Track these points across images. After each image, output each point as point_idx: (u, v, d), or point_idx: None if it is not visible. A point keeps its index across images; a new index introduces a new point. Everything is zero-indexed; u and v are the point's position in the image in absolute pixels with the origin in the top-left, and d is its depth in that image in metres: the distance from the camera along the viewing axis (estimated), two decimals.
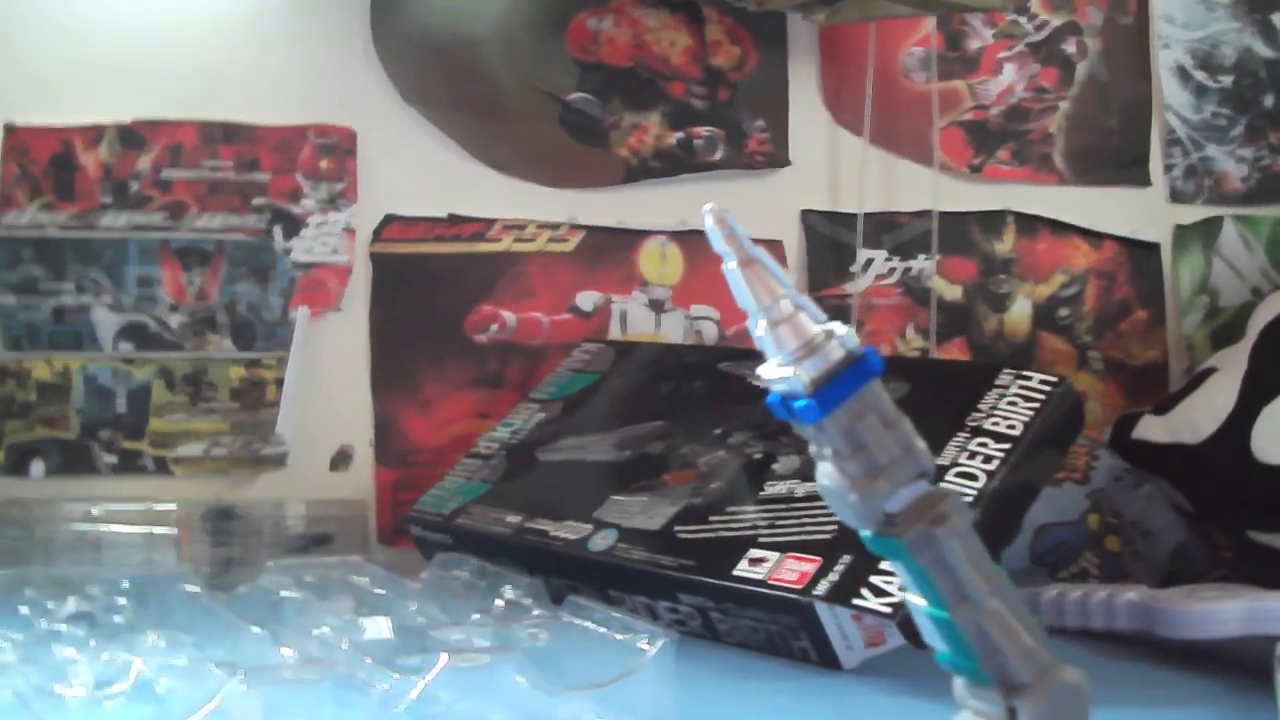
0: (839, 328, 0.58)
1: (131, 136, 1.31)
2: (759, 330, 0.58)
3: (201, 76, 1.34)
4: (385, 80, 1.38)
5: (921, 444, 0.58)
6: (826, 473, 0.58)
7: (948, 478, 0.94)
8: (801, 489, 0.99)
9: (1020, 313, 1.55)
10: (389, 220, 1.38)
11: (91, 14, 1.32)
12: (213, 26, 1.34)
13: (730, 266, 0.58)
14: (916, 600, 0.58)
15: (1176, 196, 1.61)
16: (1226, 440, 1.26)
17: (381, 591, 0.89)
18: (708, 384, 1.21)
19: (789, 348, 0.57)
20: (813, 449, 0.59)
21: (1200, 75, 1.62)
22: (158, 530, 1.10)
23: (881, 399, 0.58)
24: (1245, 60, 1.63)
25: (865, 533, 0.58)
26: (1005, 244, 1.54)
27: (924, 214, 1.50)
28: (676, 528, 1.01)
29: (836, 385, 0.57)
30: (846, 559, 0.89)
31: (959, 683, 0.58)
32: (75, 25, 1.31)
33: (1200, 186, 1.61)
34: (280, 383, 1.33)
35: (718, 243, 0.59)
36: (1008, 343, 1.54)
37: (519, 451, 1.22)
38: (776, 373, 0.58)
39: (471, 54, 1.40)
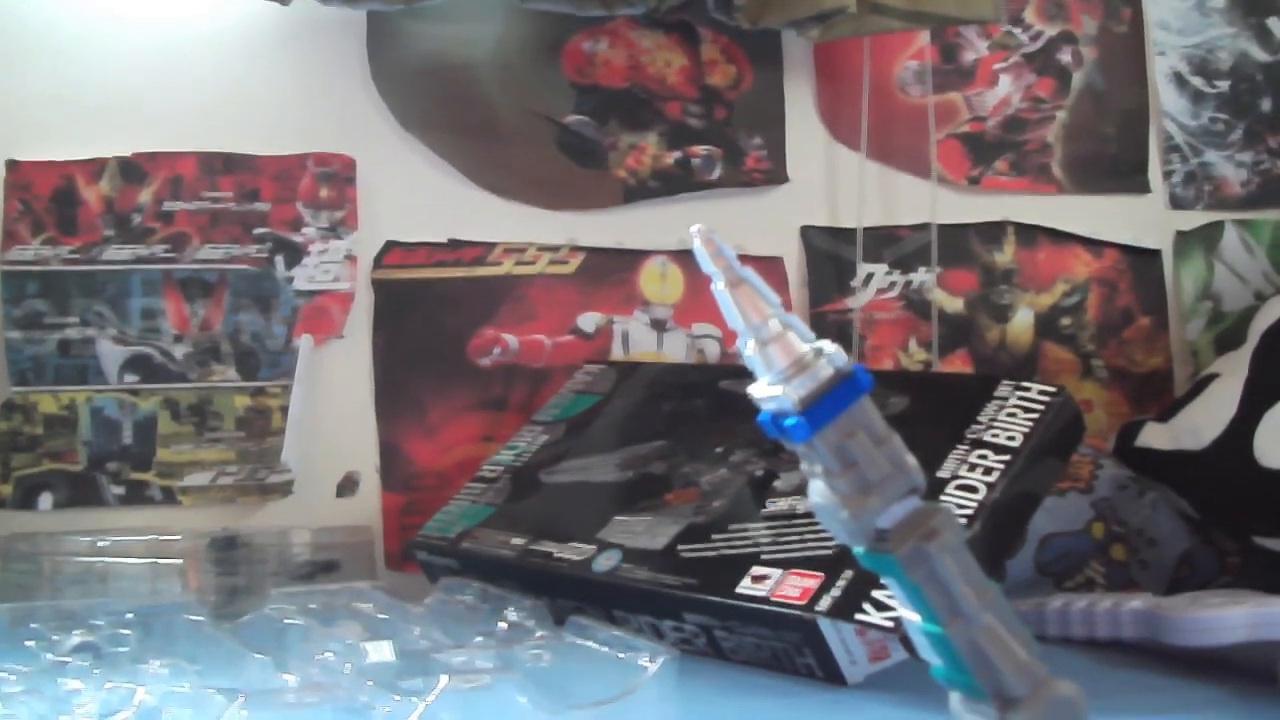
0: (828, 346, 0.58)
1: (132, 169, 1.32)
2: (748, 350, 0.59)
3: (200, 108, 1.35)
4: (383, 108, 1.39)
5: (912, 460, 0.59)
6: (818, 490, 0.58)
7: (948, 490, 0.94)
8: (803, 505, 0.99)
9: (1022, 323, 1.55)
10: (390, 246, 1.39)
11: (90, 49, 1.33)
12: (210, 58, 1.35)
13: (719, 287, 0.59)
14: (911, 615, 0.59)
15: (1176, 203, 1.61)
16: (1229, 446, 1.26)
17: (385, 616, 0.90)
18: (709, 402, 1.22)
19: (778, 366, 0.58)
20: (804, 466, 0.59)
21: (1197, 81, 1.62)
22: (163, 561, 1.10)
23: (871, 416, 0.58)
24: (1241, 65, 1.63)
25: (858, 549, 0.59)
26: (1006, 255, 1.55)
27: (923, 227, 1.51)
28: (679, 547, 1.02)
29: (826, 403, 0.57)
30: (849, 574, 0.90)
31: (955, 697, 0.58)
32: (74, 60, 1.32)
33: (1200, 192, 1.61)
34: (285, 411, 1.34)
35: (706, 264, 0.59)
36: (1010, 353, 1.54)
37: (523, 474, 1.22)
38: (766, 391, 0.58)
39: (468, 79, 1.41)
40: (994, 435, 0.99)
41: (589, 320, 1.43)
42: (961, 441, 0.99)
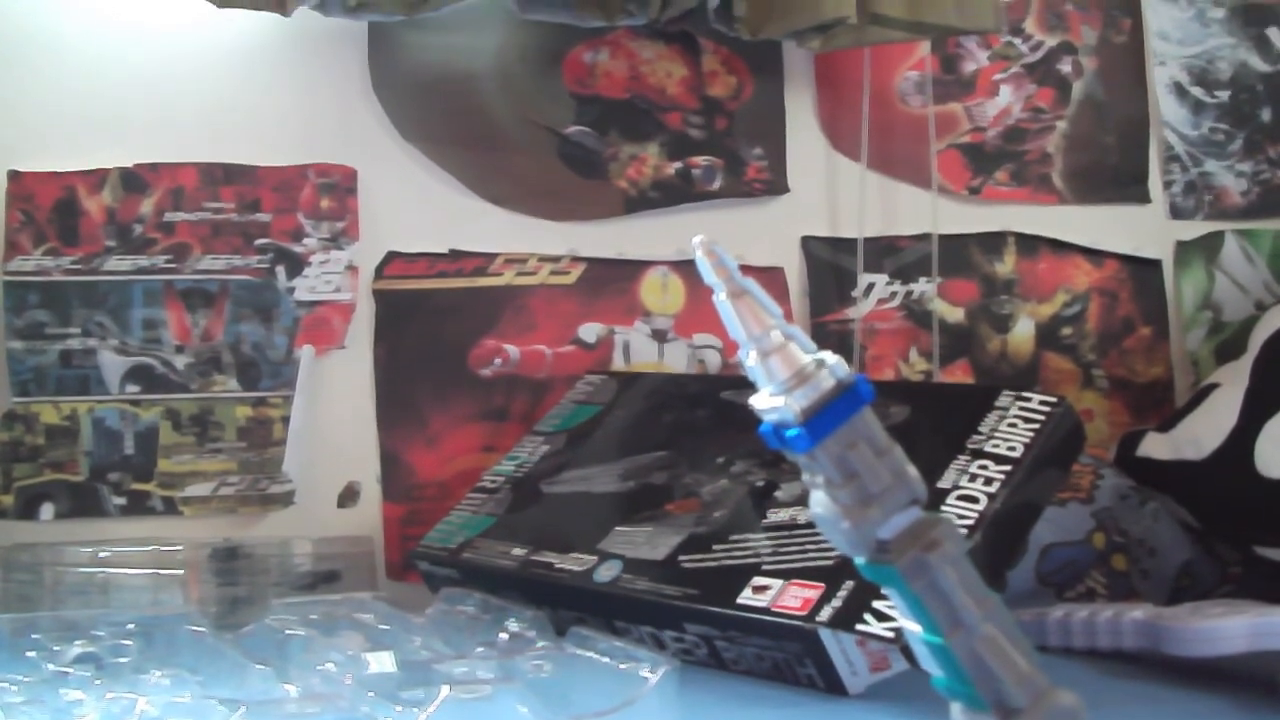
0: (829, 357, 0.59)
1: (134, 180, 1.32)
2: (750, 361, 0.59)
3: (201, 119, 1.35)
4: (384, 118, 1.39)
5: (913, 471, 0.59)
6: (820, 501, 0.59)
7: (949, 501, 0.94)
8: (804, 516, 0.99)
9: (1023, 333, 1.55)
10: (391, 257, 1.39)
11: (92, 60, 1.33)
12: (212, 69, 1.36)
13: (721, 298, 0.59)
14: (912, 626, 0.59)
15: (1177, 213, 1.61)
16: (1230, 456, 1.26)
17: (386, 627, 0.90)
18: (710, 413, 1.22)
19: (780, 377, 0.58)
20: (806, 477, 0.59)
21: (1197, 91, 1.62)
22: (165, 571, 1.10)
23: (873, 427, 0.58)
24: (1241, 75, 1.64)
25: (859, 560, 0.59)
26: (1006, 265, 1.55)
27: (924, 237, 1.51)
28: (680, 557, 1.02)
29: (827, 414, 0.57)
30: (849, 585, 0.89)
31: (956, 707, 0.58)
32: (75, 71, 1.32)
33: (1200, 202, 1.61)
34: (286, 421, 1.34)
35: (708, 274, 0.60)
36: (1011, 363, 1.54)
37: (524, 484, 1.22)
38: (768, 402, 0.58)
39: (469, 90, 1.41)
40: (995, 446, 0.99)
41: (590, 331, 1.43)
42: (962, 452, 0.99)
